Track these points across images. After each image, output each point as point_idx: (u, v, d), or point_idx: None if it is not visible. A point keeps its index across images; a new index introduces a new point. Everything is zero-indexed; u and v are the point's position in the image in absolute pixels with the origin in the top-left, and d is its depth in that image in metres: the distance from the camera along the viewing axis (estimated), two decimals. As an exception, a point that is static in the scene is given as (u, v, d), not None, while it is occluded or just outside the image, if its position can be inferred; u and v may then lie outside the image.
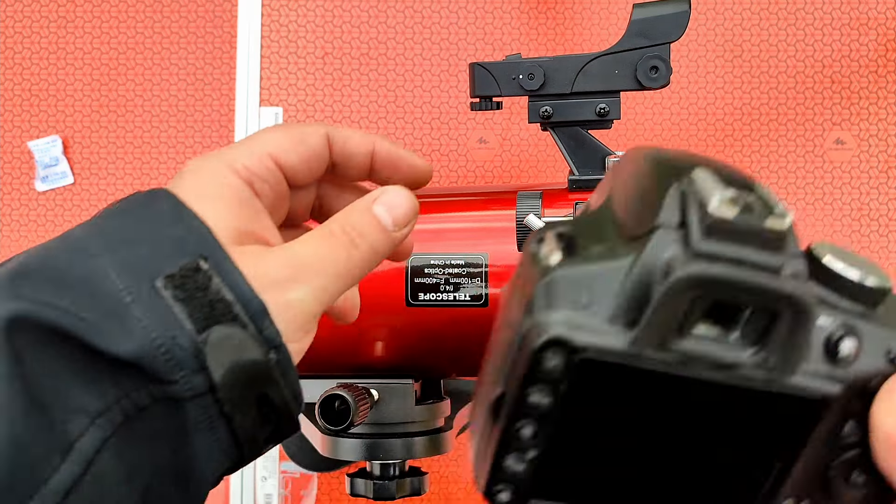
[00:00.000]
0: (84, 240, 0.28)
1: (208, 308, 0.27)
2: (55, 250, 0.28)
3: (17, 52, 1.23)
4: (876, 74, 1.17)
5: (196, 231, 0.28)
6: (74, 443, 0.24)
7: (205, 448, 0.27)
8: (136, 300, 0.26)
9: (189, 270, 0.27)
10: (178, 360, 0.26)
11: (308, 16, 1.21)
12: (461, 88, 1.21)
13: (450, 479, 1.12)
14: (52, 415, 0.24)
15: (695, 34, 1.19)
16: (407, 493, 0.51)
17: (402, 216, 0.32)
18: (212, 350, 0.26)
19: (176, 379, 0.26)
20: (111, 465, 0.25)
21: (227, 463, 0.29)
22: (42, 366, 0.25)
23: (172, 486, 0.27)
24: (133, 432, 0.26)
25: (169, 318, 0.26)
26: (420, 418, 0.50)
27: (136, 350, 0.25)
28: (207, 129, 1.21)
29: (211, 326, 0.26)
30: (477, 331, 0.48)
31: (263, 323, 0.27)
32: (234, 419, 0.27)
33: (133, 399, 0.26)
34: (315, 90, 1.20)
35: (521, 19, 1.21)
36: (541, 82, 0.50)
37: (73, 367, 0.25)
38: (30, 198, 1.21)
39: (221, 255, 0.27)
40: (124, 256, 0.27)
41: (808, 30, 1.19)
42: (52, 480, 0.24)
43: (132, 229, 0.28)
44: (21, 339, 0.25)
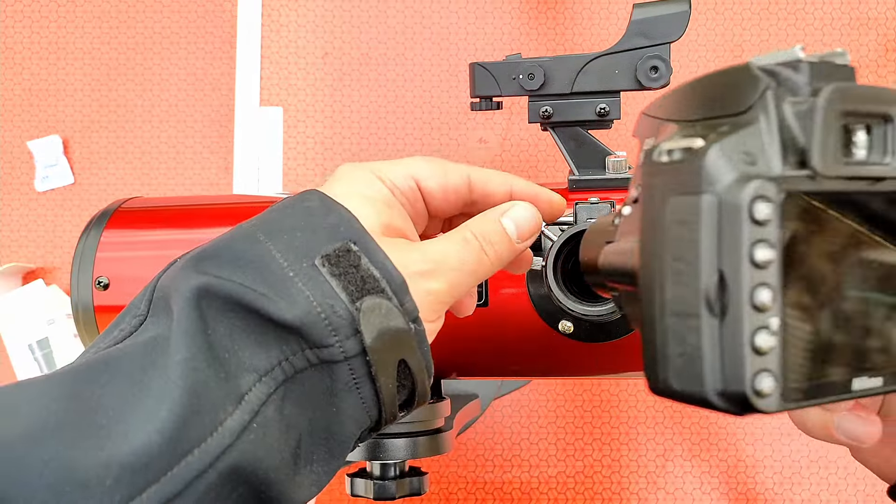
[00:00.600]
0: (252, 230, 0.32)
1: (360, 282, 0.31)
2: (229, 240, 0.32)
3: (17, 52, 1.23)
4: (876, 74, 1.17)
5: (345, 220, 0.32)
6: (245, 395, 0.29)
7: (350, 406, 0.31)
8: (298, 275, 0.30)
9: (342, 251, 0.31)
10: (335, 326, 0.30)
11: (308, 16, 1.21)
12: (461, 88, 1.21)
13: (450, 479, 1.12)
14: (228, 369, 0.29)
15: (695, 34, 1.19)
16: (407, 493, 0.51)
17: (526, 230, 0.37)
18: (364, 316, 0.30)
19: (331, 343, 0.30)
20: (273, 418, 0.29)
21: (368, 423, 0.33)
22: (222, 328, 0.29)
23: (319, 441, 0.32)
24: (291, 391, 0.30)
25: (327, 290, 0.30)
26: (420, 418, 0.50)
27: (300, 316, 0.30)
28: (207, 129, 1.21)
29: (362, 297, 0.31)
30: (477, 331, 0.48)
31: (405, 297, 0.32)
32: (378, 379, 0.31)
33: (292, 362, 0.30)
34: (315, 90, 1.20)
35: (521, 19, 1.21)
36: (541, 82, 0.50)
37: (247, 331, 0.30)
38: (30, 198, 1.21)
39: (367, 239, 0.32)
40: (287, 241, 0.31)
41: (808, 30, 1.19)
42: (228, 422, 0.28)
43: (290, 221, 0.32)
44: (206, 305, 0.29)
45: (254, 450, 0.28)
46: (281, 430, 0.30)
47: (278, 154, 1.18)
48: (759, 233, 0.22)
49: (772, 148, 0.23)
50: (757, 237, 0.22)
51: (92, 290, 0.51)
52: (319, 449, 0.32)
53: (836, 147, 0.23)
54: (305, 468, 0.31)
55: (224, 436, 0.28)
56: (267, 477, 0.29)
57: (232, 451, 0.28)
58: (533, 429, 1.12)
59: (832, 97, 0.23)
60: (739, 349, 0.23)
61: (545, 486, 1.11)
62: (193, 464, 0.26)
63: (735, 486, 1.10)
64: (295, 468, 0.31)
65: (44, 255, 1.19)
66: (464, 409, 0.63)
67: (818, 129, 0.23)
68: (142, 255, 0.53)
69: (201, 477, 0.27)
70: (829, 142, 0.23)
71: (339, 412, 0.32)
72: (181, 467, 0.26)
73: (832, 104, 0.23)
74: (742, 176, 0.23)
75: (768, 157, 0.23)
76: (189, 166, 1.21)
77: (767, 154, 0.23)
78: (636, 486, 1.11)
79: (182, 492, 0.26)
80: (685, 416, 1.11)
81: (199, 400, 0.27)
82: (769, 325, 0.22)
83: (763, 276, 0.22)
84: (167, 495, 0.26)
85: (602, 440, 1.11)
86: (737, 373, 0.23)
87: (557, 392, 1.12)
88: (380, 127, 1.19)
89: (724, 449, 1.11)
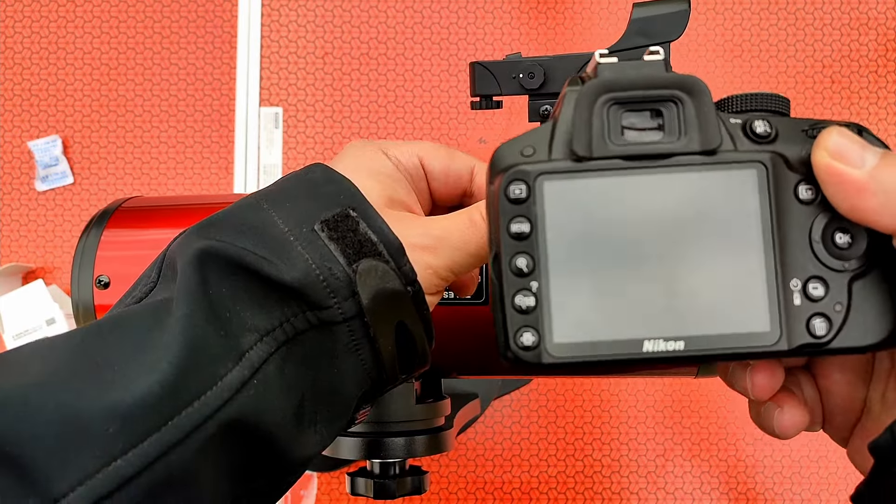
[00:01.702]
0: (255, 199, 0.33)
1: (357, 246, 0.32)
2: (233, 208, 0.33)
3: (17, 52, 1.23)
4: (876, 74, 1.17)
5: (345, 188, 0.33)
6: (245, 353, 0.29)
7: (350, 367, 0.32)
8: (297, 239, 0.31)
9: (341, 217, 0.32)
10: (333, 288, 0.31)
11: (308, 16, 1.21)
12: (461, 88, 1.21)
13: (450, 478, 1.12)
14: (228, 328, 0.29)
15: (695, 34, 1.19)
16: (407, 492, 0.51)
17: None
18: (360, 278, 0.31)
19: (330, 304, 0.31)
20: (274, 376, 0.30)
21: (368, 383, 0.33)
22: (224, 289, 0.30)
23: (322, 401, 0.32)
24: (292, 352, 0.31)
25: (325, 253, 0.31)
26: (420, 417, 0.50)
27: (299, 278, 0.30)
28: (207, 129, 1.21)
29: (359, 260, 0.31)
30: (477, 329, 0.48)
31: (402, 260, 0.32)
32: (377, 340, 0.32)
33: (293, 323, 0.31)
34: (315, 90, 1.20)
35: (521, 19, 1.21)
36: (541, 81, 0.50)
37: (249, 293, 0.30)
38: (30, 198, 1.21)
39: (366, 206, 0.33)
40: (288, 208, 0.32)
41: (808, 30, 1.19)
42: (227, 377, 0.28)
43: (293, 191, 0.33)
44: (208, 267, 0.30)
45: (255, 405, 0.29)
46: (282, 388, 0.30)
47: (278, 154, 1.18)
48: (515, 210, 0.27)
49: (545, 139, 0.27)
50: (513, 213, 0.27)
51: (93, 290, 0.51)
52: (322, 409, 0.32)
53: (602, 132, 0.27)
54: (309, 428, 0.32)
55: (223, 389, 0.28)
56: (269, 432, 0.30)
57: (232, 405, 0.28)
58: (533, 429, 1.12)
59: (587, 88, 0.27)
60: (505, 310, 0.27)
61: (545, 486, 1.11)
62: (193, 415, 0.27)
63: (735, 486, 1.10)
64: (298, 427, 0.31)
65: (44, 255, 1.19)
66: (464, 409, 0.63)
67: (575, 117, 0.27)
68: (142, 255, 0.53)
69: (201, 428, 0.27)
70: (590, 128, 0.27)
71: (340, 373, 0.32)
72: (181, 417, 0.27)
73: (583, 95, 0.27)
74: (510, 165, 0.27)
75: (542, 147, 0.27)
76: (189, 166, 1.21)
77: (542, 145, 0.27)
78: (636, 486, 1.11)
79: (182, 441, 0.27)
80: (685, 416, 1.11)
81: (198, 354, 0.28)
82: (529, 287, 0.26)
83: (520, 246, 0.26)
84: (167, 444, 0.26)
85: (602, 440, 1.11)
86: (506, 330, 0.27)
87: (557, 392, 1.12)
88: (380, 127, 1.19)
89: (724, 449, 1.11)
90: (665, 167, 0.27)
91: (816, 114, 1.16)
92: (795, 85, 1.17)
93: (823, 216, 0.27)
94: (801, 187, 0.27)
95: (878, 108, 1.16)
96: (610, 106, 0.27)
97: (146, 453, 0.26)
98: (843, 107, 1.16)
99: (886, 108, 1.16)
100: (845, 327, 0.27)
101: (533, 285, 0.26)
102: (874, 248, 0.27)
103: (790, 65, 1.18)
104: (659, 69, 0.27)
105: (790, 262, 0.26)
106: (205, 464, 0.28)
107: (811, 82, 1.18)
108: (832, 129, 0.27)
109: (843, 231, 0.27)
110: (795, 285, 0.27)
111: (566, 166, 0.27)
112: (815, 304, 0.27)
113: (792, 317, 0.26)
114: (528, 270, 0.26)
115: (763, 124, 0.27)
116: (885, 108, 1.16)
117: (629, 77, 0.27)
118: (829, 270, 0.27)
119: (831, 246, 0.27)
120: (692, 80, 0.27)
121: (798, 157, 0.27)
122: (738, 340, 0.26)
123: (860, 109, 1.17)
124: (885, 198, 0.25)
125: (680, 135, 0.27)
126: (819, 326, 0.26)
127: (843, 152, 0.26)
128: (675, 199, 0.27)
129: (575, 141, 0.27)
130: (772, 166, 0.27)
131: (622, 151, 0.27)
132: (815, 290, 0.27)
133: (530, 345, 0.26)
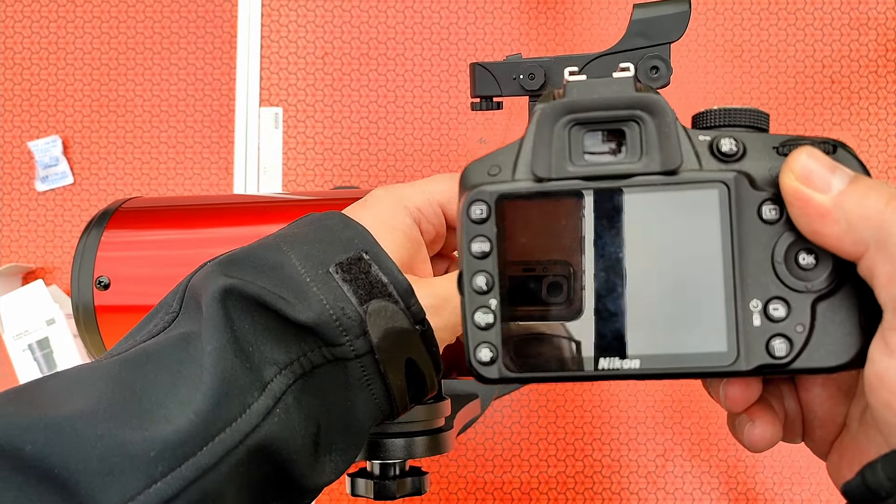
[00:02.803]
0: (274, 241, 0.35)
1: (369, 287, 0.34)
2: (254, 248, 0.35)
3: (17, 52, 1.23)
4: (876, 74, 1.17)
5: (360, 234, 0.35)
6: (268, 384, 0.31)
7: (362, 401, 0.34)
8: (314, 281, 0.33)
9: (354, 260, 0.34)
10: (346, 327, 0.33)
11: (308, 16, 1.21)
12: (461, 88, 1.21)
13: (450, 478, 1.12)
14: (252, 361, 0.31)
15: (695, 34, 1.19)
16: (407, 493, 0.51)
17: None
18: (371, 317, 0.33)
19: (343, 342, 0.33)
20: (293, 406, 0.32)
21: (380, 416, 0.35)
22: (246, 325, 0.32)
23: (337, 430, 0.34)
24: (308, 384, 0.33)
25: (339, 294, 0.33)
26: (420, 418, 0.50)
27: (314, 318, 0.32)
28: (207, 129, 1.21)
29: (370, 300, 0.33)
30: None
31: (410, 300, 0.34)
32: (387, 376, 0.34)
33: (310, 358, 0.33)
34: (315, 90, 1.20)
35: (521, 19, 1.21)
36: (541, 82, 0.50)
37: (268, 329, 0.32)
38: (30, 198, 1.21)
39: (378, 250, 0.35)
40: (306, 251, 0.34)
41: (808, 30, 1.19)
42: (254, 406, 0.31)
43: (311, 234, 0.35)
44: (231, 304, 0.32)
45: (278, 431, 0.31)
46: (301, 418, 0.32)
47: (278, 154, 1.18)
48: (476, 229, 0.27)
49: (511, 159, 0.28)
50: (474, 233, 0.27)
51: (93, 290, 0.51)
52: (338, 439, 0.34)
53: (563, 152, 0.27)
54: (325, 456, 0.34)
55: (252, 416, 0.30)
56: (290, 458, 0.32)
57: (259, 431, 0.31)
58: (533, 429, 1.12)
59: (549, 109, 0.27)
60: (466, 326, 0.28)
61: (545, 486, 1.11)
62: (226, 441, 0.29)
63: (735, 486, 1.10)
64: (315, 454, 0.33)
65: (44, 255, 1.19)
66: (464, 409, 0.63)
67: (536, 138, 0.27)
68: (142, 255, 0.53)
69: (232, 452, 0.30)
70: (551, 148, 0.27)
71: (353, 405, 0.34)
72: (215, 443, 0.29)
73: (544, 116, 0.27)
74: (475, 185, 0.28)
75: (507, 167, 0.28)
76: (189, 166, 1.21)
77: (508, 165, 0.28)
78: (636, 486, 1.11)
79: (215, 465, 0.29)
80: (685, 416, 1.11)
81: (229, 385, 0.30)
82: (488, 305, 0.27)
83: (480, 265, 0.27)
84: (203, 467, 0.29)
85: (602, 440, 1.11)
86: (467, 345, 0.28)
87: (557, 392, 1.12)
88: (380, 127, 1.19)
89: (724, 449, 1.11)
90: (625, 188, 0.27)
91: (816, 114, 1.16)
92: (795, 85, 1.17)
93: (788, 236, 0.27)
94: (765, 207, 0.27)
95: (878, 109, 1.16)
96: (571, 127, 0.27)
97: (184, 476, 0.28)
98: (843, 107, 1.16)
99: (886, 109, 1.16)
100: (808, 348, 0.26)
101: (492, 303, 0.27)
102: (840, 270, 0.26)
103: (790, 65, 1.18)
104: (626, 87, 0.27)
105: (751, 283, 0.26)
106: (231, 486, 0.30)
107: (811, 82, 1.17)
108: (802, 149, 0.27)
109: (807, 252, 0.26)
110: (756, 306, 0.26)
111: (527, 187, 0.27)
112: (775, 325, 0.26)
113: (751, 337, 0.26)
114: (488, 288, 0.27)
115: (729, 143, 0.27)
116: (885, 108, 1.16)
117: (591, 98, 0.27)
118: (791, 291, 0.27)
119: (794, 267, 0.27)
120: (653, 99, 0.27)
121: (765, 176, 0.27)
122: (696, 360, 0.26)
123: (860, 109, 1.17)
124: (848, 225, 0.25)
125: (641, 155, 0.27)
126: (779, 347, 0.26)
127: (809, 176, 0.26)
128: (635, 220, 0.27)
129: (536, 162, 0.27)
130: (734, 186, 0.26)
131: (582, 172, 0.27)
132: (776, 311, 0.27)
133: (487, 360, 0.27)
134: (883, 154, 1.15)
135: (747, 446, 0.31)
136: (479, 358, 0.28)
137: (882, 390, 0.25)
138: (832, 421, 0.31)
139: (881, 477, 0.24)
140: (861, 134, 1.16)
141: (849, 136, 1.16)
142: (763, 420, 0.30)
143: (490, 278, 0.27)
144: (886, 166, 1.15)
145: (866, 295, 0.26)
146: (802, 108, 1.17)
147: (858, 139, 1.16)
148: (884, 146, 1.15)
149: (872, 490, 0.24)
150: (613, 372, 0.27)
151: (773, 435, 0.30)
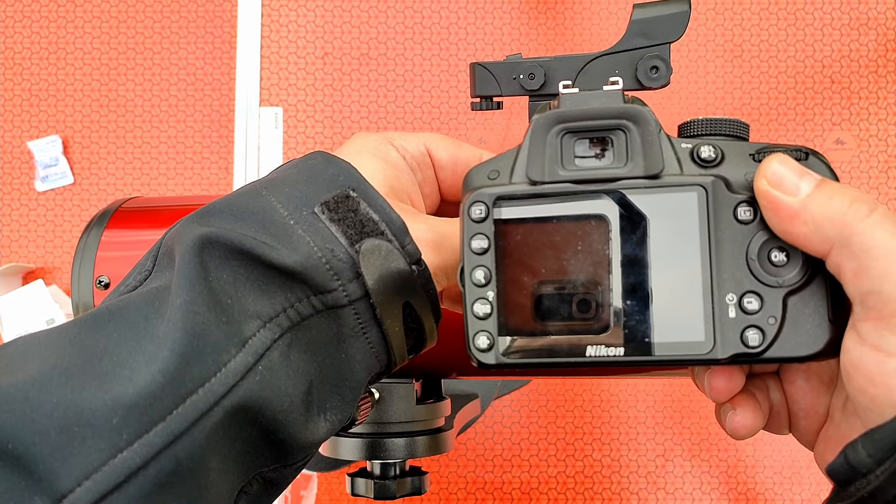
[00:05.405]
0: (255, 187, 0.33)
1: (359, 226, 0.31)
2: (232, 196, 0.33)
3: (17, 52, 1.23)
4: (876, 74, 1.17)
5: (345, 171, 0.33)
6: (248, 339, 0.29)
7: (358, 352, 0.32)
8: (298, 223, 0.31)
9: (341, 198, 0.32)
10: (337, 270, 0.30)
11: (308, 16, 1.21)
12: (461, 88, 1.21)
13: (450, 478, 1.12)
14: (230, 315, 0.29)
15: (695, 34, 1.19)
16: (407, 493, 0.51)
17: None
18: (364, 258, 0.31)
19: (335, 287, 0.31)
20: (279, 363, 0.29)
21: (378, 367, 0.33)
22: (224, 275, 0.30)
23: (331, 387, 0.32)
24: (297, 338, 0.30)
25: (326, 235, 0.31)
26: (421, 418, 0.50)
27: (301, 261, 0.30)
28: (207, 129, 1.21)
29: (362, 240, 0.31)
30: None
31: (405, 239, 0.32)
32: (384, 322, 0.32)
33: (297, 309, 0.30)
34: (315, 90, 1.20)
35: (521, 19, 1.21)
36: (542, 82, 0.50)
37: (250, 279, 0.30)
38: (30, 198, 1.21)
39: (366, 186, 0.32)
40: (287, 193, 0.32)
41: (808, 30, 1.19)
42: (231, 364, 0.28)
43: (292, 176, 0.33)
44: (207, 253, 0.30)
45: (261, 391, 0.29)
46: (289, 375, 0.30)
47: (278, 154, 1.18)
48: (476, 228, 0.30)
49: (509, 164, 0.30)
50: (474, 231, 0.30)
51: (93, 290, 0.51)
52: (332, 396, 0.32)
53: (555, 158, 0.30)
54: (319, 415, 0.31)
55: (227, 376, 0.28)
56: (276, 419, 0.29)
57: (237, 391, 0.28)
58: (533, 429, 1.12)
59: (543, 119, 0.30)
60: (466, 315, 0.30)
61: (545, 486, 1.11)
62: (198, 403, 0.27)
63: (735, 486, 1.10)
64: (307, 414, 0.31)
65: (44, 255, 1.19)
66: (464, 409, 0.63)
67: (531, 145, 0.30)
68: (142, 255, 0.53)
69: (207, 415, 0.27)
70: (544, 155, 0.30)
71: (348, 358, 0.32)
72: (186, 406, 0.27)
73: (538, 125, 0.30)
74: (476, 187, 0.30)
75: (506, 172, 0.30)
76: (189, 166, 1.21)
77: (506, 169, 0.30)
78: (636, 486, 1.11)
79: (188, 429, 0.26)
80: (685, 416, 1.11)
81: (200, 342, 0.28)
82: (486, 297, 0.30)
83: (479, 260, 0.30)
84: (174, 433, 0.26)
85: (602, 440, 1.11)
86: (467, 334, 0.30)
87: (557, 392, 1.12)
88: (380, 127, 1.19)
89: (724, 449, 1.11)
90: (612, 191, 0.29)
91: (816, 114, 1.16)
92: (795, 85, 1.17)
93: (762, 235, 0.29)
94: (741, 208, 0.29)
95: (878, 108, 1.17)
96: (563, 135, 0.30)
97: (152, 443, 0.25)
98: (843, 107, 1.16)
99: (886, 109, 1.16)
100: (780, 339, 0.29)
101: (489, 294, 0.30)
102: (809, 266, 0.29)
103: (790, 65, 1.18)
104: (615, 99, 0.30)
105: (727, 278, 0.29)
106: (212, 452, 0.27)
107: (811, 82, 1.18)
108: (774, 156, 0.29)
109: (779, 249, 0.29)
110: (731, 299, 0.29)
111: (522, 190, 0.30)
112: (749, 317, 0.29)
113: (727, 328, 0.29)
114: (486, 281, 0.30)
115: (708, 149, 0.30)
116: (885, 108, 1.16)
117: (581, 108, 0.30)
118: (763, 286, 0.29)
119: (767, 263, 0.29)
120: (638, 110, 0.30)
121: (741, 181, 0.29)
122: (676, 349, 0.29)
123: (860, 109, 1.17)
124: (815, 226, 0.27)
125: (626, 160, 0.30)
126: (752, 338, 0.29)
127: (779, 180, 0.28)
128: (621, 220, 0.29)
129: (531, 167, 0.30)
130: (712, 189, 0.29)
131: (572, 176, 0.30)
132: (750, 304, 0.29)
133: (485, 347, 0.30)
134: (883, 154, 1.15)
135: (730, 433, 0.32)
136: (477, 345, 0.30)
137: (857, 377, 0.27)
138: (816, 412, 0.32)
139: (861, 454, 0.26)
140: (861, 134, 1.16)
141: (849, 136, 1.16)
142: (744, 408, 0.32)
143: (488, 272, 0.30)
144: (886, 166, 1.15)
145: (835, 289, 0.28)
146: (802, 108, 1.17)
147: (858, 139, 1.16)
148: (884, 146, 1.15)
149: (854, 467, 0.26)
150: (601, 359, 0.29)
151: (753, 422, 0.32)
